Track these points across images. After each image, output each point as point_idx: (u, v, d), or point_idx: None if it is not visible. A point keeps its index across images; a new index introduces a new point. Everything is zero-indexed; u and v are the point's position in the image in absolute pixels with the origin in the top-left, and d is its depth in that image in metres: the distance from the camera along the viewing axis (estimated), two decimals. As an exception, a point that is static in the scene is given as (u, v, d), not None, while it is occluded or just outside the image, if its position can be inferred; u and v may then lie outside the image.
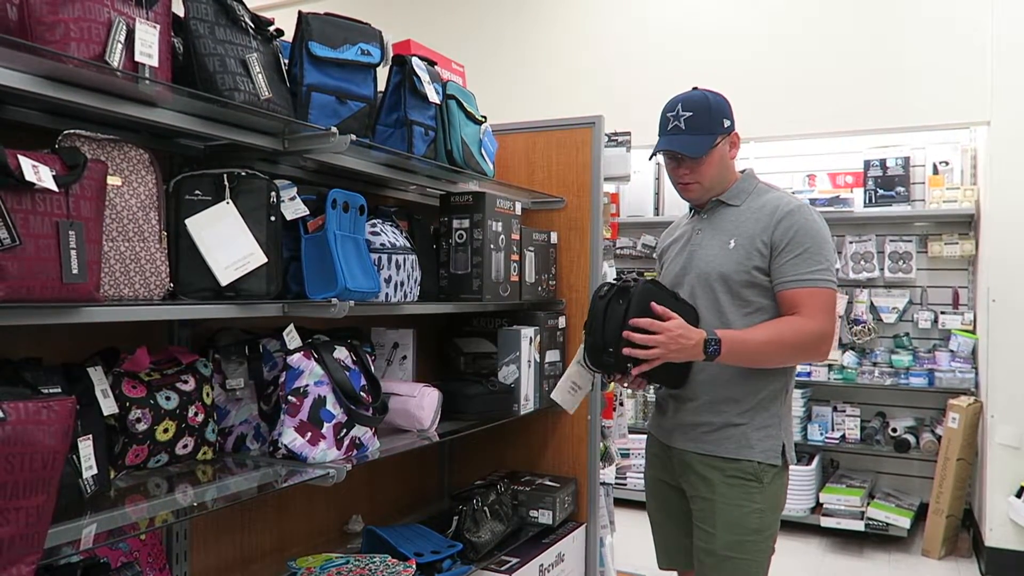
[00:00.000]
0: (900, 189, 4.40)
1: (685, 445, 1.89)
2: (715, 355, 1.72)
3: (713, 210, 1.93)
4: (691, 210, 2.03)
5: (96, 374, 1.43)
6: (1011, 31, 3.67)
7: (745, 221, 1.86)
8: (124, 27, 1.29)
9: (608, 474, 2.84)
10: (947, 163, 4.35)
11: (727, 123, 1.88)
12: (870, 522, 4.02)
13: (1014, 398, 3.66)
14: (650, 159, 1.98)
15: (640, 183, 4.78)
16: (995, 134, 3.74)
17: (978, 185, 4.17)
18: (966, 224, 4.30)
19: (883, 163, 4.45)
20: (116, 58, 1.27)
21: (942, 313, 4.30)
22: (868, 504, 4.08)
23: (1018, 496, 3.55)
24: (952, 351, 4.17)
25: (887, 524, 4.01)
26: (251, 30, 1.60)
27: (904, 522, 3.99)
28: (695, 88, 1.92)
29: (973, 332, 4.17)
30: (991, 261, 3.80)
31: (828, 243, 1.82)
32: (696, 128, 1.84)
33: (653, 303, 1.72)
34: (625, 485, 4.52)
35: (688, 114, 1.84)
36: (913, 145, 4.45)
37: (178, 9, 1.49)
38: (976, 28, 3.77)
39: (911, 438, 4.12)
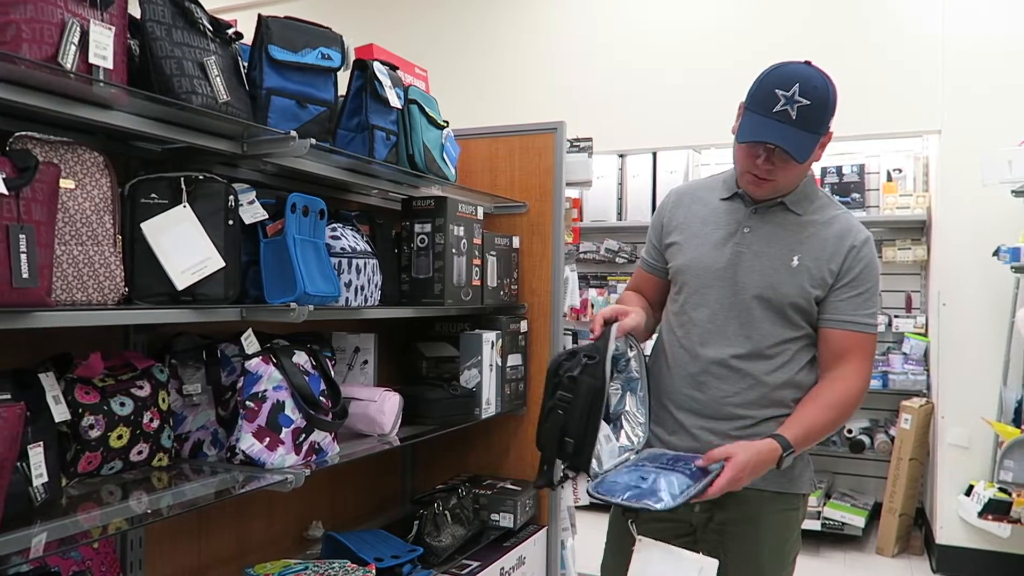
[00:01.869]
0: (856, 195, 4.51)
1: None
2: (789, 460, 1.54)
3: (769, 210, 1.65)
4: (729, 193, 1.71)
5: (48, 380, 1.41)
6: (961, 43, 3.79)
7: (810, 238, 1.62)
8: (78, 28, 1.27)
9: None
10: (900, 170, 4.47)
11: (831, 122, 1.56)
12: (827, 522, 4.11)
13: (963, 399, 3.76)
14: (739, 142, 1.57)
15: (603, 188, 4.83)
16: (946, 142, 3.85)
17: (930, 192, 4.29)
18: (919, 230, 4.42)
19: (839, 170, 4.56)
20: (70, 60, 1.25)
21: (896, 317, 4.41)
22: (825, 504, 4.17)
23: (967, 494, 3.65)
24: (905, 354, 4.28)
25: (843, 523, 4.10)
26: (209, 33, 1.59)
27: (859, 521, 4.08)
28: (808, 63, 1.54)
29: (925, 335, 4.28)
30: (941, 266, 3.91)
31: (880, 281, 1.67)
32: (807, 122, 1.50)
33: (707, 458, 1.49)
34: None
35: (805, 102, 1.49)
36: (868, 153, 4.58)
37: (135, 11, 1.47)
38: (928, 40, 3.88)
39: (866, 439, 4.22)
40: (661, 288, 1.83)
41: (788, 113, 1.49)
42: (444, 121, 2.31)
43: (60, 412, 1.41)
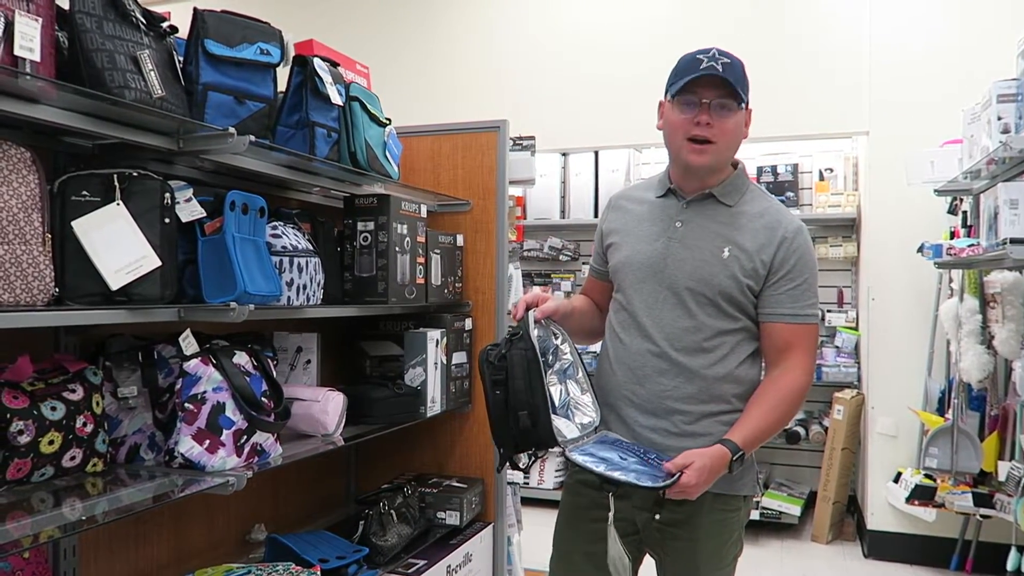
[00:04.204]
0: (790, 194, 4.65)
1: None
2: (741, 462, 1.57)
3: (701, 203, 1.68)
4: (663, 190, 1.74)
5: (-27, 385, 1.35)
6: (886, 47, 3.95)
7: (741, 229, 1.64)
8: (2, 19, 1.23)
9: (515, 474, 2.88)
10: (832, 170, 4.63)
11: (748, 96, 1.62)
12: (764, 511, 4.22)
13: (891, 390, 3.92)
14: (672, 96, 1.62)
15: (546, 186, 4.87)
16: (873, 143, 4.00)
17: (859, 191, 4.45)
18: (849, 227, 4.58)
19: (774, 169, 4.69)
20: (-7, 52, 1.21)
21: (828, 311, 4.56)
22: (763, 494, 4.29)
23: (895, 481, 3.80)
24: (838, 347, 4.43)
25: (780, 512, 4.22)
26: (142, 26, 1.54)
27: (795, 510, 4.22)
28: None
29: (856, 329, 4.44)
30: (870, 262, 4.06)
31: (817, 270, 1.69)
32: (734, 75, 1.57)
33: (672, 465, 1.51)
34: (531, 484, 4.58)
35: (726, 60, 1.57)
36: (801, 153, 4.73)
37: (63, 2, 1.42)
38: (856, 45, 4.02)
39: (801, 430, 4.35)
40: (608, 291, 1.85)
41: (715, 67, 1.56)
42: (386, 118, 2.29)
43: (-14, 418, 1.36)
